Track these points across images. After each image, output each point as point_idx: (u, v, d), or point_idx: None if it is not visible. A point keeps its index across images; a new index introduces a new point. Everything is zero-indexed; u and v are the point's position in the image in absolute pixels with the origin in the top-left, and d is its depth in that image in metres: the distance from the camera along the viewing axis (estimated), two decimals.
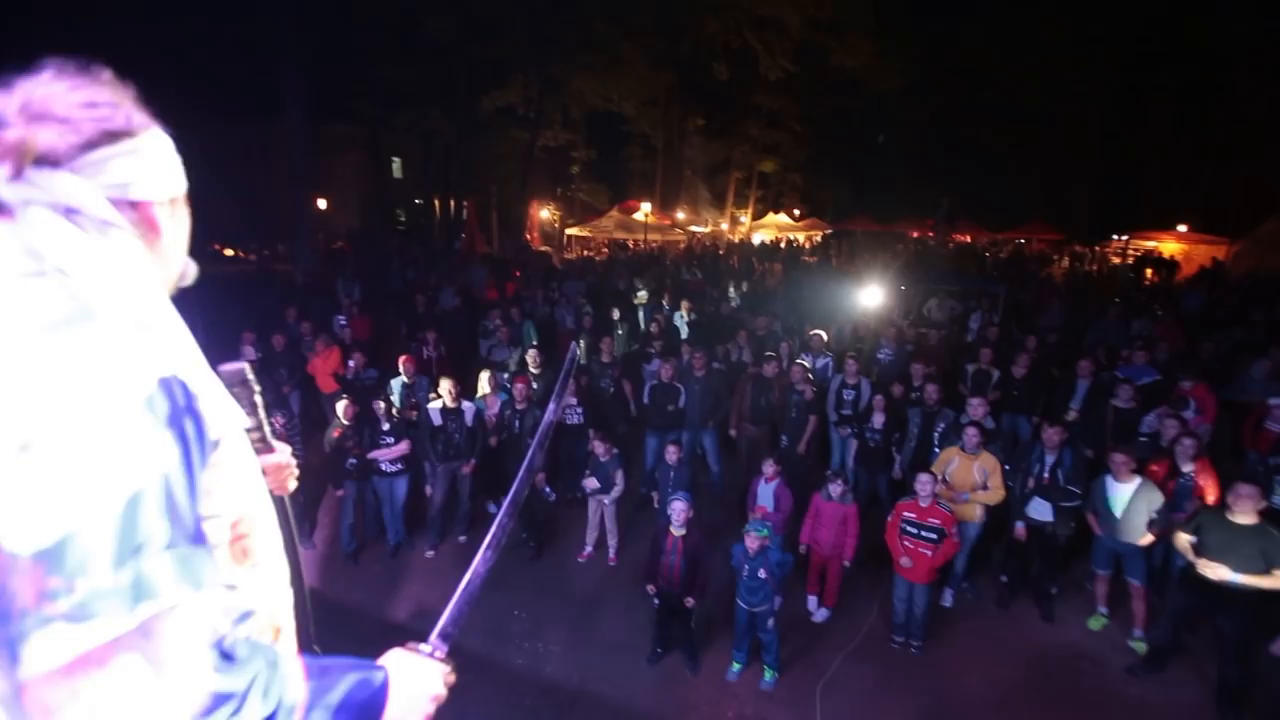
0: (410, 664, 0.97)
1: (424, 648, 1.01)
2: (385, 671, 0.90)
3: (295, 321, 9.22)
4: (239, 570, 0.86)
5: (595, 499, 6.02)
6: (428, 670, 0.97)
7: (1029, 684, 4.70)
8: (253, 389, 1.11)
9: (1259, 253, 18.03)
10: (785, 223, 28.97)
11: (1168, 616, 4.69)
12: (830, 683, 4.64)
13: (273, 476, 1.20)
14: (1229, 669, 4.35)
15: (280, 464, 1.23)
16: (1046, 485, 5.14)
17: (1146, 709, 4.50)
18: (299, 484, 1.35)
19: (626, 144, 29.86)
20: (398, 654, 0.98)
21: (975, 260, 21.67)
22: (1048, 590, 5.37)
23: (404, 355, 7.36)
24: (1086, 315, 11.15)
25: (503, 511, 1.22)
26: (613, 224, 24.53)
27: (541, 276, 14.58)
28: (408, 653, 0.99)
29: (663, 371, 7.00)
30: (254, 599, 0.88)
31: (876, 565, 5.53)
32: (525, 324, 9.75)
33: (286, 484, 1.27)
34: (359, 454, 5.88)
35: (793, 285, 14.46)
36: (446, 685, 0.99)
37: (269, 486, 1.17)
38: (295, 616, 1.06)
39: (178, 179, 0.90)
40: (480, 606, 1.12)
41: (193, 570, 0.67)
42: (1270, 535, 4.14)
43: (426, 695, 0.95)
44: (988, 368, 7.46)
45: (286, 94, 14.39)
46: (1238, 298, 13.02)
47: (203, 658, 0.68)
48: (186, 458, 0.70)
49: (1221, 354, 8.56)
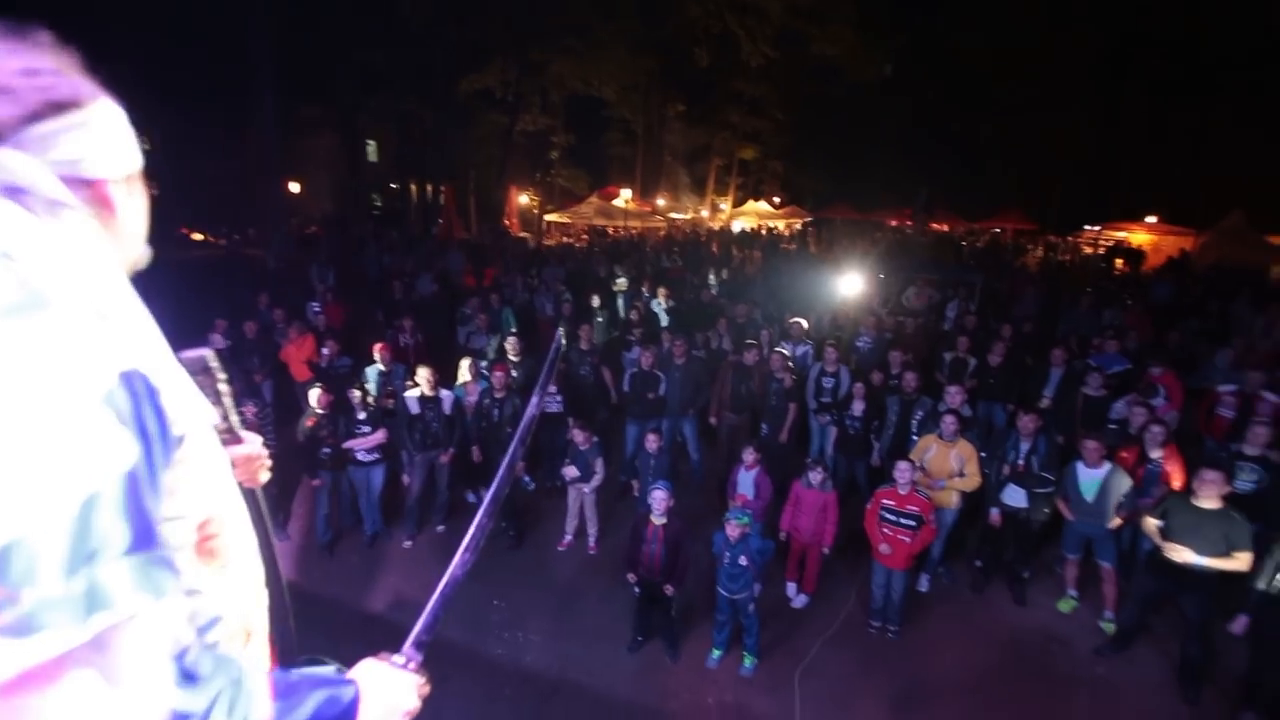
0: (382, 677, 0.92)
1: (397, 659, 0.97)
2: (355, 687, 0.86)
3: (267, 308, 9.01)
4: (206, 573, 0.82)
5: (575, 487, 5.99)
6: (400, 683, 0.93)
7: (1002, 665, 4.80)
8: (216, 377, 1.05)
9: (1223, 245, 18.52)
10: (765, 210, 29.00)
11: (1134, 599, 4.82)
12: (809, 668, 4.70)
13: (243, 469, 1.15)
14: (1191, 648, 4.49)
15: (250, 455, 1.18)
16: (1021, 472, 5.23)
17: (1112, 687, 4.63)
18: (271, 475, 1.29)
19: (606, 129, 29.59)
20: (369, 666, 0.94)
21: (953, 249, 21.92)
22: (1020, 574, 5.48)
23: (379, 342, 7.23)
24: (1060, 304, 11.35)
25: (482, 511, 1.18)
26: (592, 210, 24.33)
27: (520, 263, 14.43)
28: (379, 664, 0.95)
29: (643, 359, 6.97)
30: (223, 603, 0.83)
31: (855, 552, 5.59)
32: (504, 311, 9.64)
33: (258, 476, 1.21)
34: (333, 443, 5.77)
35: (772, 273, 14.49)
36: (420, 698, 0.95)
37: (239, 479, 1.12)
38: (271, 619, 1.01)
39: (133, 154, 0.83)
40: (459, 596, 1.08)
41: (153, 577, 0.63)
42: (1232, 519, 4.26)
43: (398, 710, 0.92)
44: (964, 356, 7.55)
45: (255, 74, 13.97)
46: (1203, 288, 13.37)
47: (163, 672, 0.63)
48: (148, 456, 0.66)
49: (1185, 343, 8.79)
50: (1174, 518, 4.42)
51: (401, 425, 5.99)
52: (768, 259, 17.32)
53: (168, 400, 0.71)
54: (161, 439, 0.68)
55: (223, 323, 7.98)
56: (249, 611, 0.92)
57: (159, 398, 0.69)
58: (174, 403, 0.72)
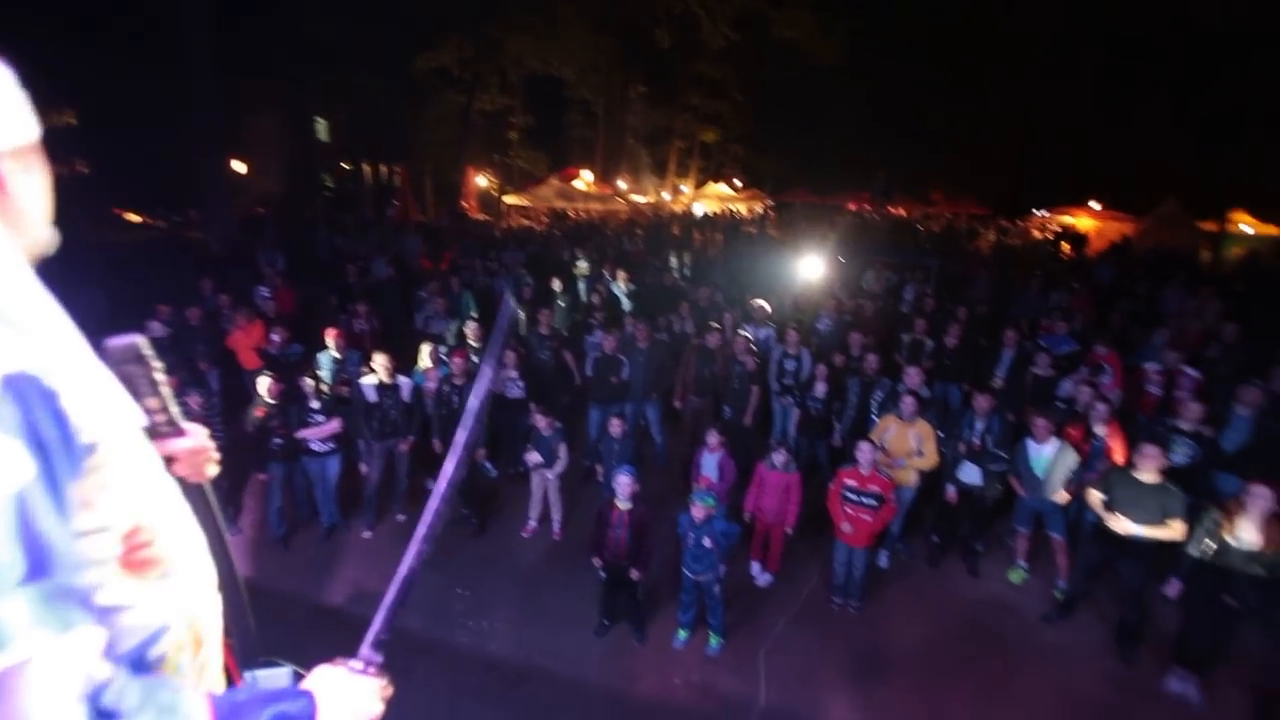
0: (340, 685, 0.86)
1: (355, 664, 0.90)
2: (309, 699, 0.79)
3: (212, 294, 8.63)
4: (141, 585, 0.74)
5: (538, 473, 5.92)
6: (359, 689, 0.87)
7: (957, 635, 4.97)
8: (151, 365, 0.95)
9: (1160, 230, 19.42)
10: (726, 193, 29.08)
11: (1079, 568, 5.05)
12: (774, 646, 4.78)
13: (186, 463, 1.06)
14: (1129, 612, 4.73)
15: (194, 449, 1.08)
16: (977, 450, 5.39)
17: (1058, 651, 4.85)
18: (221, 468, 1.19)
19: (567, 110, 29.12)
20: (325, 674, 0.87)
21: (909, 233, 22.39)
22: (974, 548, 5.67)
23: (333, 328, 6.98)
24: (1011, 287, 11.71)
25: (438, 499, 1.11)
26: (552, 192, 24.00)
27: (479, 246, 14.13)
28: (336, 670, 0.88)
29: (606, 343, 6.91)
30: (167, 612, 0.76)
31: (816, 531, 5.69)
32: (464, 295, 9.43)
33: (204, 470, 1.12)
34: (285, 434, 5.57)
35: (733, 256, 14.54)
36: (383, 701, 0.89)
37: (184, 474, 1.04)
38: (228, 620, 0.94)
39: (27, 123, 0.72)
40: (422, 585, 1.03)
41: (55, 609, 0.55)
42: (1169, 491, 4.49)
43: (360, 718, 0.85)
44: (922, 338, 7.72)
45: (192, 43, 13.19)
46: (1142, 271, 13.97)
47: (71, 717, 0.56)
48: (48, 469, 0.58)
49: (1126, 324, 9.17)
50: (1116, 490, 4.63)
51: (358, 413, 5.82)
52: (729, 242, 17.39)
53: (72, 403, 0.62)
54: (65, 448, 0.60)
55: (165, 309, 7.59)
56: (199, 617, 0.85)
57: (58, 401, 0.61)
58: (81, 405, 0.64)
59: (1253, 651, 4.55)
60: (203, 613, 0.87)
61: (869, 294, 10.78)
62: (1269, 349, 6.72)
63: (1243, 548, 4.12)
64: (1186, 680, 4.42)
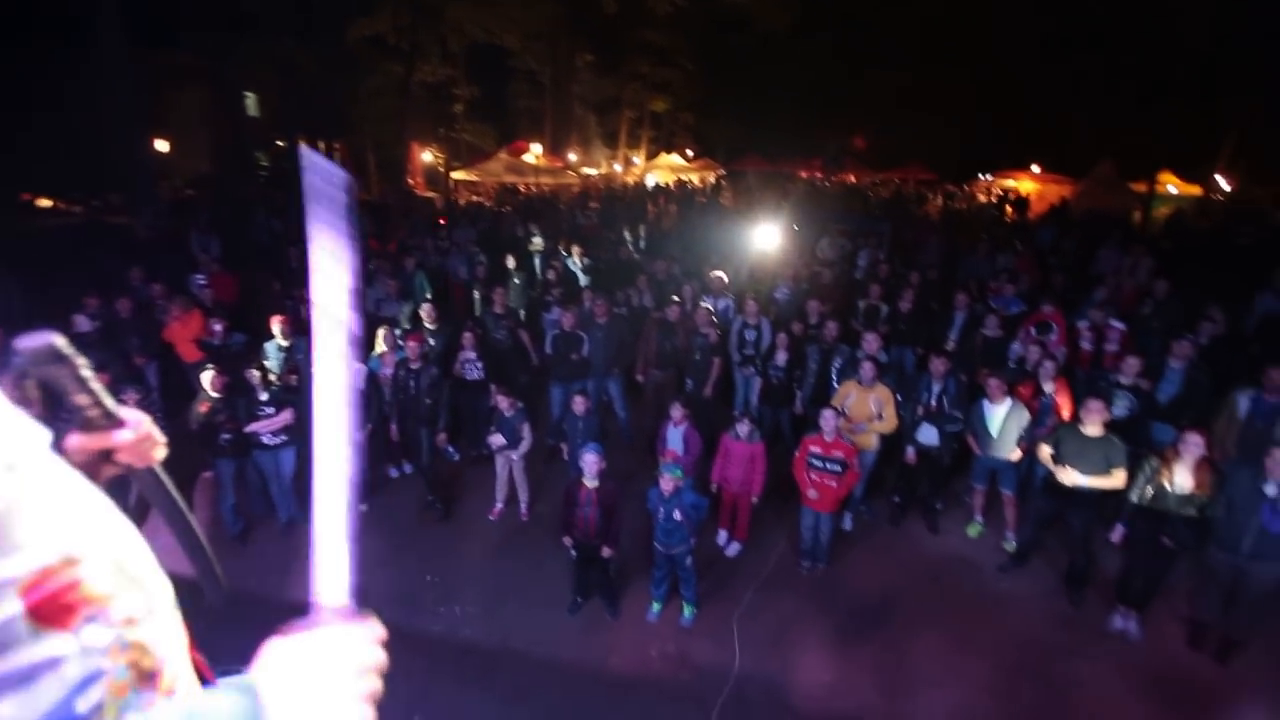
0: (296, 651, 0.69)
1: (315, 616, 0.73)
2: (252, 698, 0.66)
3: (143, 283, 8.11)
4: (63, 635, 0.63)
5: (502, 455, 5.84)
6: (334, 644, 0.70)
7: (920, 590, 5.17)
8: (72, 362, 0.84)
9: (1095, 192, 20.17)
10: (678, 164, 28.85)
11: (1030, 520, 5.29)
12: (746, 612, 4.87)
13: (130, 453, 0.96)
14: (1077, 558, 5.00)
15: (137, 438, 0.98)
16: (934, 412, 5.54)
17: (1013, 598, 5.10)
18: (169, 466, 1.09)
19: (512, 80, 28.21)
20: (273, 650, 0.70)
21: (860, 200, 22.69)
22: (933, 506, 5.88)
23: (278, 315, 6.66)
24: (959, 251, 12.01)
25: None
26: (501, 167, 23.33)
27: (428, 224, 13.68)
28: (289, 637, 0.71)
29: (564, 320, 6.81)
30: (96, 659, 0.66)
31: (782, 498, 5.79)
32: (418, 275, 9.13)
33: (151, 455, 1.02)
34: (234, 428, 5.32)
35: (688, 228, 14.48)
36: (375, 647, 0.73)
37: (130, 461, 0.94)
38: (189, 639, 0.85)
39: None
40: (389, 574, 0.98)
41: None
42: (1112, 443, 4.72)
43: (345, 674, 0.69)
44: (877, 303, 7.86)
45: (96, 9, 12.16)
46: (1078, 233, 14.52)
47: None
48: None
49: (1068, 284, 9.53)
50: (1064, 445, 4.84)
51: (310, 403, 5.59)
52: (683, 214, 17.30)
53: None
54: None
55: (92, 301, 7.11)
56: (151, 643, 0.75)
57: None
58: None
59: (1183, 586, 4.86)
60: (154, 637, 0.76)
61: (825, 261, 10.90)
62: (1197, 304, 7.08)
63: (1178, 491, 4.37)
64: (1128, 617, 4.72)
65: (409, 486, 6.40)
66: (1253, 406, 5.17)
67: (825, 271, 9.96)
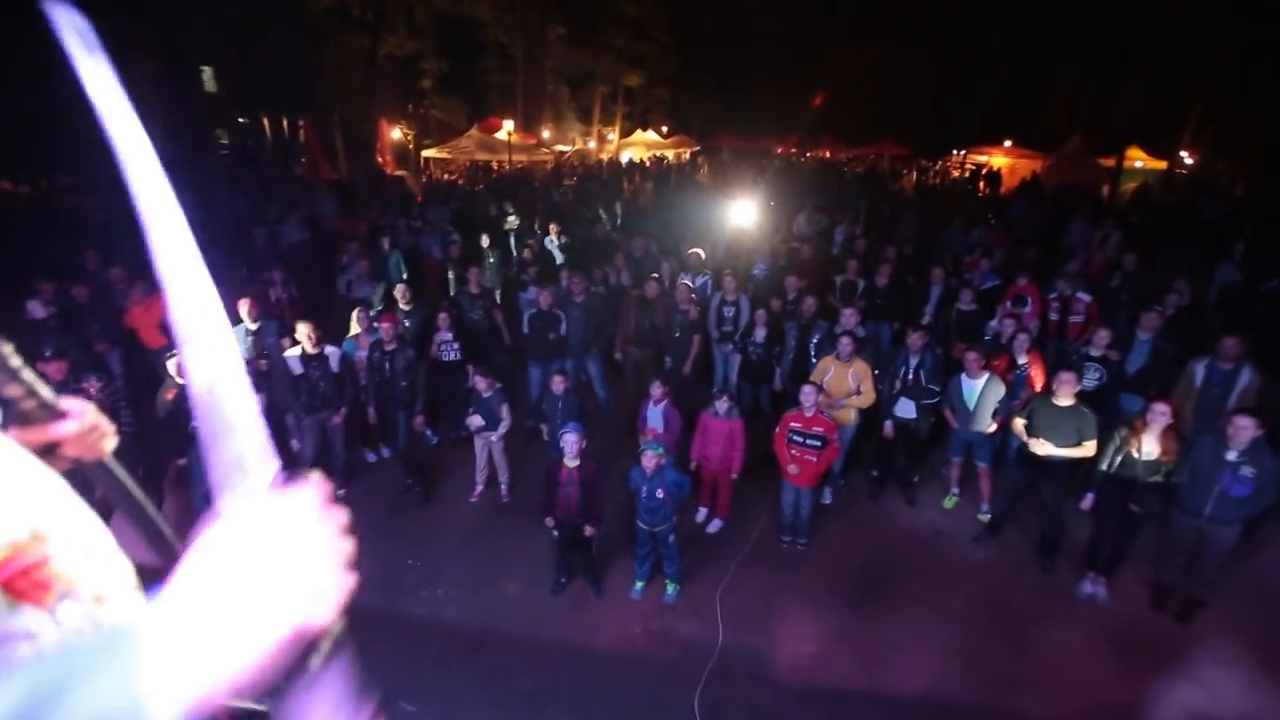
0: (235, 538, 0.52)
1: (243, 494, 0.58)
2: None
3: (100, 267, 7.79)
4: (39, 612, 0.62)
5: (481, 437, 5.78)
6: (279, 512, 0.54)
7: (899, 562, 5.27)
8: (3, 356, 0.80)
9: (1065, 167, 20.47)
10: (653, 140, 28.56)
11: (1004, 491, 5.41)
12: (729, 587, 4.92)
13: (77, 445, 0.91)
14: (1049, 527, 5.14)
15: (81, 429, 0.93)
16: (911, 386, 5.60)
17: (989, 568, 5.23)
18: (137, 456, 1.04)
19: (483, 54, 27.48)
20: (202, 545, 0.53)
21: (836, 175, 22.72)
22: (911, 479, 5.97)
23: (244, 297, 6.46)
24: (934, 226, 12.11)
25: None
26: (473, 144, 22.84)
27: (400, 203, 13.36)
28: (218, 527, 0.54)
29: (541, 299, 6.71)
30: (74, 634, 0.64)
31: (762, 473, 5.83)
32: (393, 255, 8.92)
33: (99, 447, 0.97)
34: None
35: (665, 205, 14.37)
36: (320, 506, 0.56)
37: (78, 454, 0.91)
38: None
39: None
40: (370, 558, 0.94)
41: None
42: (1083, 413, 4.83)
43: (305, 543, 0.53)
44: (854, 279, 7.89)
45: None
46: (1049, 208, 14.73)
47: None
48: None
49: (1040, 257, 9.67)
50: (1037, 417, 4.93)
51: (283, 387, 5.46)
52: (659, 190, 17.16)
53: None
54: None
55: (47, 286, 6.81)
56: None
57: None
58: None
59: (1147, 551, 5.03)
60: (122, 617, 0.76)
61: (802, 237, 10.91)
62: (1164, 276, 7.24)
63: (1145, 459, 4.50)
64: (1097, 582, 4.87)
65: (387, 470, 6.32)
66: (1207, 374, 5.32)
67: (803, 247, 9.97)
